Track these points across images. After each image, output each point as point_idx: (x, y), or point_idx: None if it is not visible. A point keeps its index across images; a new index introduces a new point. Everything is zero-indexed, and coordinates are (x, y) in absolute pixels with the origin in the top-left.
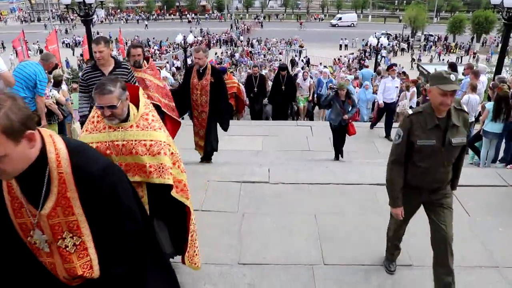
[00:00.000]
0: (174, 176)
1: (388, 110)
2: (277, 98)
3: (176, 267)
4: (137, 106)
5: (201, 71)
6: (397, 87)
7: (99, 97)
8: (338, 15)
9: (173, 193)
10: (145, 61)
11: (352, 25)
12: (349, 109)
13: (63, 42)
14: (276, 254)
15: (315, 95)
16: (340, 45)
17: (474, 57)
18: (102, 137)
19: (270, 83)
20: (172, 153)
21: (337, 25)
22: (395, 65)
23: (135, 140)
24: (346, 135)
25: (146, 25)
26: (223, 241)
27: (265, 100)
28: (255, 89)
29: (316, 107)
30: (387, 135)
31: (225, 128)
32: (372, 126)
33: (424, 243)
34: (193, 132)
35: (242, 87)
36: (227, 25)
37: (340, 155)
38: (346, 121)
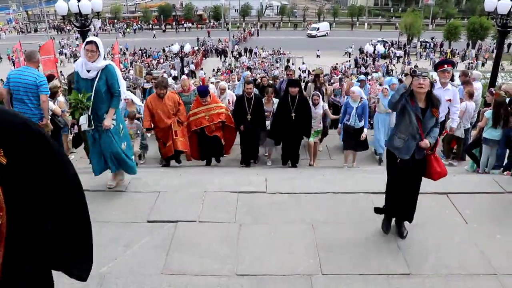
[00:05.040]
0: None
1: None
2: (284, 132)
3: (171, 279)
4: None
5: None
6: (449, 100)
7: None
8: (314, 25)
9: None
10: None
11: (326, 34)
12: (432, 128)
13: (60, 53)
14: (274, 264)
15: (340, 125)
16: (318, 54)
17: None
18: None
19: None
20: None
21: (316, 36)
22: (450, 63)
23: None
24: (423, 178)
25: (154, 34)
26: (221, 252)
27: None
28: (249, 116)
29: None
30: None
31: (81, 277)
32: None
33: (421, 252)
34: None
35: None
36: (224, 34)
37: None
38: (424, 153)
